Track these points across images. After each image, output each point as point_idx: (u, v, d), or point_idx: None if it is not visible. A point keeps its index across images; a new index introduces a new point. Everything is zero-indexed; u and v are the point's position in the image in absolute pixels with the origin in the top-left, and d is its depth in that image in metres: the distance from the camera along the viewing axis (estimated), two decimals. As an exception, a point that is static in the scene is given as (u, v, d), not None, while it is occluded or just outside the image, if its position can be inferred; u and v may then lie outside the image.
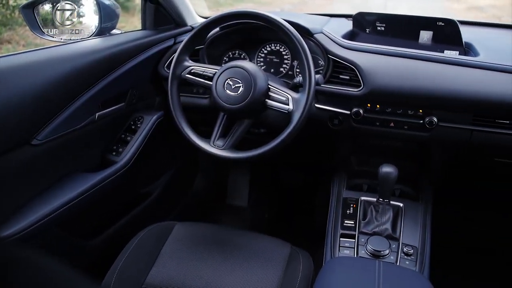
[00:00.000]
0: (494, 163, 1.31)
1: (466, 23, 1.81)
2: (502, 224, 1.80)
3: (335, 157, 1.48)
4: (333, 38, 1.28)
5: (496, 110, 1.15)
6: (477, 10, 7.76)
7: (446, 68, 1.17)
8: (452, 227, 1.80)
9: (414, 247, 1.18)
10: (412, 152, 1.43)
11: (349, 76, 1.23)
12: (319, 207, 1.55)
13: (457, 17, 1.34)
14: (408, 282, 0.99)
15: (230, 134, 1.15)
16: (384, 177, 1.19)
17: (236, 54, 1.46)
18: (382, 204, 1.25)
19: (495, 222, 1.84)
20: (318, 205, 1.83)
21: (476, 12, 7.57)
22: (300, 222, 1.94)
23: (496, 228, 1.84)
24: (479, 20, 1.83)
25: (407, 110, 1.21)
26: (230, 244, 1.14)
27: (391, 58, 1.22)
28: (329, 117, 1.29)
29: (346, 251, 1.19)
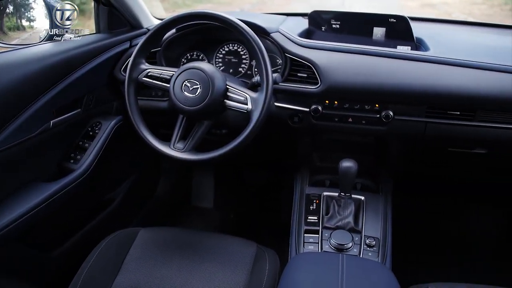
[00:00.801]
0: (448, 153, 1.36)
1: (418, 19, 1.87)
2: (458, 211, 1.89)
3: (297, 155, 1.49)
4: (289, 36, 1.29)
5: (447, 102, 1.19)
6: (430, 7, 8.04)
7: (399, 63, 1.21)
8: (412, 216, 1.86)
9: (376, 239, 1.21)
10: (371, 146, 1.46)
11: (306, 74, 1.25)
12: (284, 205, 1.57)
13: (411, 14, 1.39)
14: (370, 273, 1.01)
15: (190, 136, 1.14)
16: (344, 171, 1.21)
17: (194, 56, 1.45)
18: (344, 199, 1.28)
19: (452, 209, 1.92)
20: (283, 202, 1.85)
21: (429, 9, 7.84)
22: (266, 220, 1.95)
23: (453, 215, 1.92)
24: (431, 17, 1.89)
25: (364, 105, 1.24)
26: (196, 246, 1.13)
27: (347, 55, 1.24)
28: (289, 115, 1.30)
29: (310, 247, 1.20)
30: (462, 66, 1.19)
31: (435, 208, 1.95)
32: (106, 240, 1.15)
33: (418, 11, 7.49)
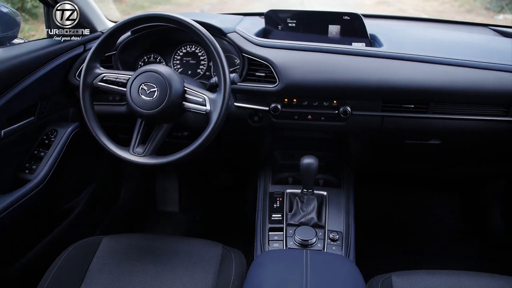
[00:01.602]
0: (405, 145, 1.41)
1: (374, 16, 1.93)
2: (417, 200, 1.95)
3: (259, 153, 1.50)
4: (246, 36, 1.29)
5: (401, 96, 1.23)
6: (385, 5, 8.29)
7: (354, 59, 1.24)
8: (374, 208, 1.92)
9: (339, 233, 1.23)
10: (332, 142, 1.49)
11: (264, 73, 1.25)
12: (249, 204, 1.58)
13: (367, 11, 1.42)
14: (334, 266, 1.03)
15: (149, 140, 1.13)
16: (305, 168, 1.23)
17: (152, 58, 1.43)
18: (306, 195, 1.29)
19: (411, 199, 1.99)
20: (249, 202, 1.86)
21: (384, 6, 8.08)
22: (233, 220, 1.95)
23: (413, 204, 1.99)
24: (386, 14, 1.95)
25: (322, 102, 1.26)
26: (161, 251, 1.12)
27: (303, 53, 1.26)
28: (249, 115, 1.31)
29: (275, 244, 1.21)
30: (414, 60, 1.23)
31: (396, 199, 2.01)
32: (67, 251, 1.12)
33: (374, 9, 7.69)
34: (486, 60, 1.24)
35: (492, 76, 1.22)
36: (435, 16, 6.37)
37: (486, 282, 1.00)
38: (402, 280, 1.01)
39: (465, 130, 1.29)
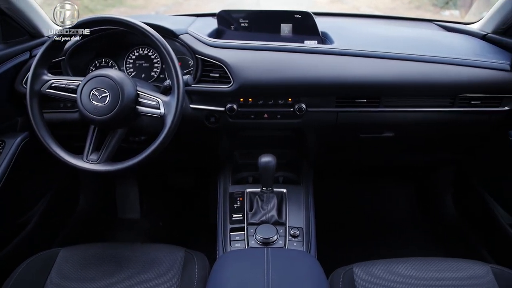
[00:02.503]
0: (361, 139, 1.44)
1: (327, 14, 1.97)
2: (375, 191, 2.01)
3: (218, 154, 1.50)
4: (199, 37, 1.28)
5: (354, 91, 1.26)
6: (340, 2, 8.47)
7: (306, 57, 1.26)
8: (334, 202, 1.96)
9: (300, 229, 1.25)
10: (290, 139, 1.50)
11: (218, 74, 1.25)
12: (211, 206, 1.57)
13: (322, 9, 1.44)
14: (295, 262, 1.04)
15: (103, 147, 1.10)
16: (263, 166, 1.24)
17: (103, 63, 1.39)
18: (266, 193, 1.30)
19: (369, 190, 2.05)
20: (210, 203, 1.85)
21: (339, 4, 8.26)
22: (196, 223, 1.94)
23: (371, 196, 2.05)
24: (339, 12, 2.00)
25: (278, 100, 1.27)
26: (122, 260, 1.09)
27: (257, 52, 1.27)
28: (205, 116, 1.30)
29: (237, 245, 1.21)
30: (364, 56, 1.26)
31: (354, 191, 2.07)
32: (22, 267, 1.07)
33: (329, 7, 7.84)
34: (432, 54, 1.29)
35: (438, 69, 1.27)
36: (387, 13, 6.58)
37: (441, 267, 1.04)
38: (362, 270, 1.04)
39: (415, 121, 1.35)
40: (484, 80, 1.28)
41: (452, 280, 1.00)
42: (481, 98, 1.31)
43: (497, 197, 1.53)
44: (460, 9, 5.62)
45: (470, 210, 1.75)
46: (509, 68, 1.29)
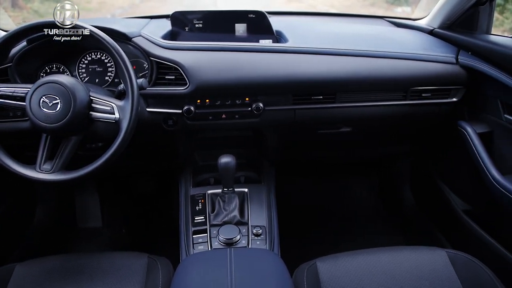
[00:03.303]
0: (319, 135, 1.47)
1: (283, 13, 1.99)
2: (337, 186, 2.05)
3: (178, 157, 1.48)
4: (152, 40, 1.26)
5: (309, 88, 1.28)
6: (296, 1, 8.57)
7: (261, 56, 1.26)
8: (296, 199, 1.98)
9: (262, 227, 1.25)
10: (250, 139, 1.51)
11: (174, 76, 1.24)
12: (174, 209, 1.55)
13: (279, 8, 1.45)
14: (258, 261, 1.04)
15: (57, 155, 1.06)
16: (223, 167, 1.23)
17: (54, 68, 1.34)
18: (227, 194, 1.30)
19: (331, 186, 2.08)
20: (173, 206, 1.83)
21: (296, 3, 8.35)
22: (159, 228, 1.91)
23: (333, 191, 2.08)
24: (296, 10, 2.03)
25: (235, 100, 1.28)
26: (83, 271, 1.06)
27: (212, 53, 1.26)
28: (163, 119, 1.28)
29: (200, 247, 1.20)
30: (318, 53, 1.28)
31: (317, 186, 2.10)
32: None
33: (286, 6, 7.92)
34: (383, 50, 1.33)
35: (389, 64, 1.31)
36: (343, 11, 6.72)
37: (400, 255, 1.07)
38: (326, 264, 1.05)
39: (371, 116, 1.38)
40: (433, 73, 1.33)
41: (411, 267, 1.04)
42: (431, 90, 1.36)
43: (451, 185, 1.60)
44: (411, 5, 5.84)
45: (427, 199, 1.81)
46: (455, 61, 1.35)
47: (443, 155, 1.65)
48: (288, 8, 7.36)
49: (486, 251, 1.34)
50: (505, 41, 1.29)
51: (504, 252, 1.29)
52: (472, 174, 1.36)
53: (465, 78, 1.35)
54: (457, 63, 1.35)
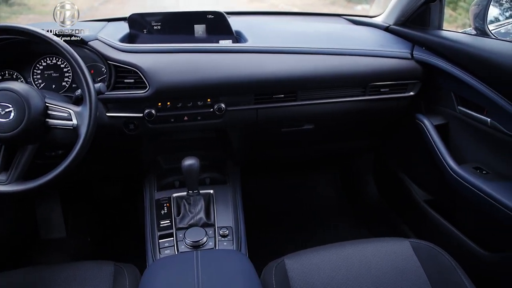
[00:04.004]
0: (283, 133, 1.48)
1: (242, 13, 1.99)
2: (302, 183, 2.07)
3: (141, 161, 1.46)
4: (110, 43, 1.24)
5: (270, 87, 1.29)
6: (258, 1, 8.58)
7: (221, 57, 1.26)
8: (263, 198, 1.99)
9: (229, 228, 1.25)
10: (214, 140, 1.50)
11: (133, 79, 1.22)
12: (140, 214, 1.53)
13: (241, 8, 1.45)
14: (225, 262, 1.04)
15: (13, 165, 1.02)
16: (187, 170, 1.22)
17: (7, 75, 1.29)
18: (192, 196, 1.29)
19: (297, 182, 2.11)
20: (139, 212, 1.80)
21: (258, 3, 8.36)
22: (126, 234, 1.87)
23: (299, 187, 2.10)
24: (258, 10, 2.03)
25: (197, 102, 1.27)
26: (47, 283, 1.03)
27: (171, 55, 1.25)
28: (124, 123, 1.26)
29: (167, 251, 1.19)
30: (278, 52, 1.30)
31: (282, 184, 2.12)
32: None
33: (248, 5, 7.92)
34: (341, 47, 1.36)
35: (348, 61, 1.34)
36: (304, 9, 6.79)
37: (365, 248, 1.09)
38: (294, 261, 1.06)
39: (332, 112, 1.41)
40: (390, 68, 1.37)
41: (375, 258, 1.06)
42: (389, 85, 1.40)
43: (412, 176, 1.65)
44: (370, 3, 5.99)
45: (390, 191, 1.86)
46: (410, 56, 1.39)
47: (403, 148, 1.70)
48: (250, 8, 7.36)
49: (447, 239, 1.39)
50: (456, 36, 1.34)
51: (463, 238, 1.34)
52: (430, 165, 1.40)
53: (420, 73, 1.40)
54: (412, 58, 1.39)
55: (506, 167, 1.20)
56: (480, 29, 1.30)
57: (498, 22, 1.39)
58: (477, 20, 1.29)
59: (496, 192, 1.13)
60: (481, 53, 1.19)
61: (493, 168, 1.24)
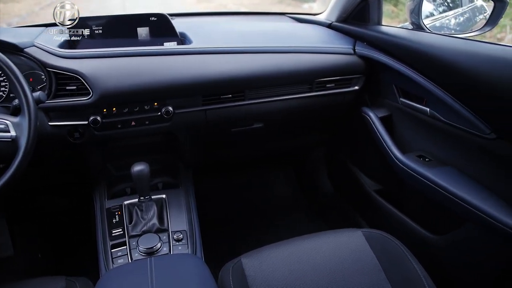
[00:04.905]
0: (233, 133, 1.48)
1: (188, 14, 1.97)
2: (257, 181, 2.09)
3: (90, 170, 1.41)
4: (48, 49, 1.19)
5: (217, 88, 1.29)
6: (207, 2, 8.54)
7: (166, 59, 1.25)
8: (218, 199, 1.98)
9: (183, 232, 1.24)
10: (164, 143, 1.48)
11: (76, 86, 1.17)
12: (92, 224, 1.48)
13: (189, 9, 1.43)
14: (179, 266, 1.02)
15: None
16: (137, 176, 1.20)
17: None
18: (144, 202, 1.27)
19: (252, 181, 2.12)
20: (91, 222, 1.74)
21: (206, 3, 8.33)
22: (78, 246, 1.80)
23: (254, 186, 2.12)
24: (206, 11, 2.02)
25: (143, 106, 1.24)
26: None
27: (114, 60, 1.22)
28: (68, 132, 1.21)
29: (120, 261, 1.16)
30: (222, 53, 1.30)
31: (238, 185, 2.12)
32: None
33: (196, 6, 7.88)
34: (286, 45, 1.38)
35: (293, 58, 1.36)
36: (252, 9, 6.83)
37: (320, 241, 1.11)
38: (251, 260, 1.06)
39: (280, 110, 1.42)
40: (334, 64, 1.40)
41: (330, 250, 1.08)
42: (334, 81, 1.44)
43: (362, 167, 1.70)
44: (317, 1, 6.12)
45: (343, 183, 1.91)
46: (353, 51, 1.43)
47: (352, 140, 1.74)
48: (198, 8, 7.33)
49: (397, 226, 1.45)
50: (394, 30, 1.39)
51: (412, 224, 1.40)
52: (377, 155, 1.45)
53: (363, 67, 1.44)
54: (355, 53, 1.43)
55: (446, 154, 1.26)
56: (416, 24, 1.36)
57: (433, 17, 1.46)
58: (413, 15, 1.35)
59: (438, 178, 1.19)
60: (417, 47, 1.25)
61: (434, 155, 1.30)
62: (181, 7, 6.73)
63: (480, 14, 1.43)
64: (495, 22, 1.27)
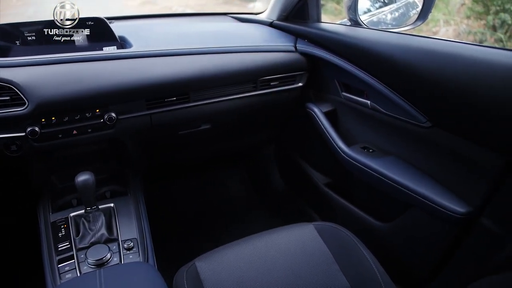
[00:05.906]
0: (181, 136, 1.47)
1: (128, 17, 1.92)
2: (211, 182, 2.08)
3: (31, 184, 1.35)
4: None
5: (161, 91, 1.27)
6: (151, 4, 8.35)
7: (105, 64, 1.21)
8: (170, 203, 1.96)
9: (134, 240, 1.21)
10: (109, 150, 1.44)
11: (9, 96, 1.11)
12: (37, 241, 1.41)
13: (132, 12, 1.38)
14: (129, 275, 1.00)
15: None
16: (81, 186, 1.16)
17: None
18: (91, 213, 1.23)
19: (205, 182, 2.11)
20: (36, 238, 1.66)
21: (150, 5, 8.14)
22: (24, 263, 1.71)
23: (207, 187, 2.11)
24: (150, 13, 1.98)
25: (85, 114, 1.20)
26: None
27: (50, 67, 1.16)
28: (4, 145, 1.15)
29: (68, 275, 1.11)
30: (164, 55, 1.28)
31: (191, 188, 2.10)
32: None
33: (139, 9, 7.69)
34: (228, 45, 1.38)
35: (235, 58, 1.36)
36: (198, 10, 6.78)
37: (274, 237, 1.13)
38: (205, 263, 1.05)
39: (227, 110, 1.43)
40: (276, 62, 1.42)
41: (284, 246, 1.10)
42: (278, 78, 1.46)
43: (310, 162, 1.74)
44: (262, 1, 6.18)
45: (294, 178, 1.94)
46: (294, 49, 1.46)
47: (299, 136, 1.78)
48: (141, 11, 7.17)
49: (347, 216, 1.49)
50: (332, 27, 1.44)
51: (361, 214, 1.45)
52: (324, 149, 1.49)
53: (305, 64, 1.47)
54: (296, 50, 1.46)
55: (388, 144, 1.32)
56: (353, 20, 1.41)
57: (370, 12, 1.52)
58: (350, 12, 1.40)
59: (381, 167, 1.24)
60: (355, 42, 1.29)
61: (377, 146, 1.35)
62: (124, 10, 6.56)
63: (413, 9, 1.50)
64: (426, 16, 1.34)
